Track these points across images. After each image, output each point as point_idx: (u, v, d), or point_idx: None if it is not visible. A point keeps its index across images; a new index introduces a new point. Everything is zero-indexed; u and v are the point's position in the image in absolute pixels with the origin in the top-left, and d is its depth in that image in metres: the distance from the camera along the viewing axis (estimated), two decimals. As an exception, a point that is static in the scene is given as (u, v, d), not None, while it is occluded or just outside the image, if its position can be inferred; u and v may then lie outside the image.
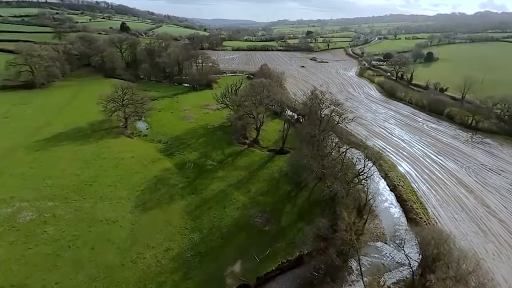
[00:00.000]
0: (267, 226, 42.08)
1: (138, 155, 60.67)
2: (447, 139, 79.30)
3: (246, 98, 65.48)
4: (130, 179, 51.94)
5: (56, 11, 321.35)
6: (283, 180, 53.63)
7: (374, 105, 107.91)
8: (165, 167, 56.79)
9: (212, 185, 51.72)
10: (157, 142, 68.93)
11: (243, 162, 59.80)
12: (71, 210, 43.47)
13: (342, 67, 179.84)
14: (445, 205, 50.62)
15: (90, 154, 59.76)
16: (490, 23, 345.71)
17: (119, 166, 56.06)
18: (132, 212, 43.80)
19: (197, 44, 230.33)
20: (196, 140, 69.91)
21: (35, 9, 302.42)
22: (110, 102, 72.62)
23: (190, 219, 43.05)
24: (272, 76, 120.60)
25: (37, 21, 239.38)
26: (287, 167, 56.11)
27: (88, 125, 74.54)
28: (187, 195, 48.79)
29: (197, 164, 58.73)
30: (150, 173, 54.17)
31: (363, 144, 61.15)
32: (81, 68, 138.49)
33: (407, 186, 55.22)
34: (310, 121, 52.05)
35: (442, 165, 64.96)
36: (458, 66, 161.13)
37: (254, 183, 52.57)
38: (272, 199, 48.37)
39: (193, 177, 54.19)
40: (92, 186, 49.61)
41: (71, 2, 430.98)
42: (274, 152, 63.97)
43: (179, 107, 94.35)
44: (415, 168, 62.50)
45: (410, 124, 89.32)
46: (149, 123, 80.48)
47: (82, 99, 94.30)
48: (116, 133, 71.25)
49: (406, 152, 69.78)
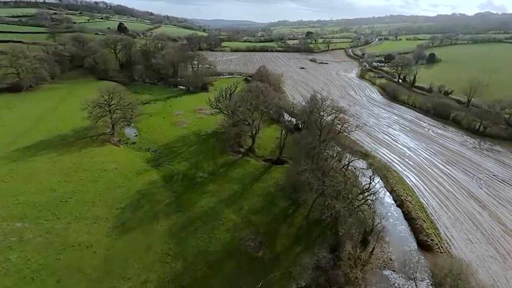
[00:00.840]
0: (260, 252, 37.35)
1: (123, 166, 55.96)
2: (454, 146, 74.62)
3: (240, 103, 60.80)
4: (111, 195, 47.21)
5: (54, 11, 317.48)
6: (279, 195, 48.92)
7: (376, 109, 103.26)
8: (151, 180, 52.06)
9: (201, 201, 46.99)
10: (145, 150, 64.20)
11: (236, 173, 55.08)
12: (41, 233, 38.77)
13: (342, 69, 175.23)
14: (458, 224, 45.92)
15: (70, 165, 55.04)
16: (491, 24, 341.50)
17: (100, 179, 51.32)
18: (109, 234, 39.08)
19: (195, 44, 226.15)
20: (187, 148, 65.21)
21: (33, 9, 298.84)
22: (96, 108, 67.94)
23: (173, 242, 38.29)
24: (270, 79, 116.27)
25: (34, 21, 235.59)
26: (284, 180, 51.50)
27: (73, 132, 69.83)
28: (173, 213, 44.07)
29: (186, 176, 54.01)
30: (133, 187, 49.44)
31: (368, 155, 56.45)
32: (73, 70, 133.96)
33: (415, 201, 50.48)
34: (310, 131, 47.35)
35: (451, 176, 60.26)
36: (461, 68, 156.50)
37: (248, 199, 47.84)
38: (266, 218, 43.64)
39: (181, 192, 49.46)
40: (68, 203, 44.89)
41: (70, 2, 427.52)
42: (270, 162, 59.26)
43: (172, 111, 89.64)
44: (422, 180, 57.78)
45: (415, 129, 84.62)
46: (138, 129, 75.74)
47: (69, 103, 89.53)
48: (101, 140, 66.53)
49: (412, 161, 65.08)
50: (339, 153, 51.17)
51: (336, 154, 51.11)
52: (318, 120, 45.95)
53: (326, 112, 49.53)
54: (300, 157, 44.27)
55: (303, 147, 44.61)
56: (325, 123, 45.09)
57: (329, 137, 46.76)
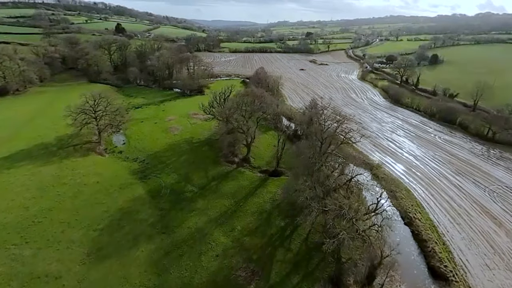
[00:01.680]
0: (252, 284, 32.83)
1: (106, 179, 51.45)
2: (463, 154, 70.14)
3: (234, 110, 56.33)
4: (89, 213, 42.72)
5: (52, 12, 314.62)
6: (276, 212, 44.43)
7: (379, 112, 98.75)
8: (135, 196, 47.53)
9: (189, 220, 42.48)
10: (132, 160, 59.68)
11: (229, 187, 50.57)
12: (5, 261, 34.33)
13: (343, 70, 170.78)
14: (473, 246, 41.44)
15: (48, 179, 50.55)
16: (492, 24, 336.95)
17: (80, 195, 46.83)
18: (82, 262, 34.58)
19: (193, 45, 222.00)
20: (178, 158, 60.74)
21: (31, 10, 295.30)
22: (80, 114, 63.50)
23: (154, 272, 33.79)
24: (268, 81, 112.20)
25: (32, 22, 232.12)
26: (281, 195, 47.03)
27: (56, 140, 65.37)
28: (156, 235, 39.58)
29: (175, 191, 49.50)
30: (115, 204, 44.92)
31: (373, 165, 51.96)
32: (65, 72, 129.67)
33: (425, 219, 45.98)
34: (309, 142, 42.87)
35: (462, 188, 55.76)
36: (465, 69, 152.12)
37: (240, 218, 43.34)
38: (260, 241, 39.13)
39: (167, 209, 44.95)
40: (41, 223, 40.43)
41: (68, 3, 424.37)
42: (266, 174, 54.82)
43: (165, 116, 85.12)
44: (431, 193, 53.27)
45: (421, 135, 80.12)
46: (127, 137, 71.22)
47: (57, 108, 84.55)
48: (86, 149, 62.06)
49: (420, 171, 60.58)
50: (341, 164, 46.78)
51: (338, 165, 46.74)
52: (319, 131, 41.43)
53: (327, 121, 44.89)
54: (299, 171, 39.76)
55: (302, 162, 40.11)
56: (326, 135, 40.63)
57: (331, 149, 42.31)
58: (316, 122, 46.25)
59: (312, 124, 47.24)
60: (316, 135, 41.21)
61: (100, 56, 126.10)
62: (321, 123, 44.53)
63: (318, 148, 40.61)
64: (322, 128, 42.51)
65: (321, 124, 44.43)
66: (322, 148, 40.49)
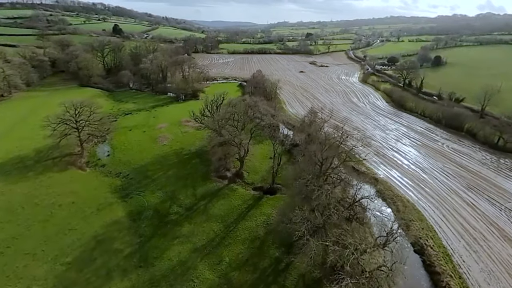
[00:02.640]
0: (239, 335, 27.93)
1: (83, 199, 46.53)
2: (474, 166, 65.16)
3: (225, 121, 51.41)
4: (59, 242, 37.82)
5: (50, 12, 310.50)
6: (270, 240, 39.46)
7: (382, 119, 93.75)
8: (113, 219, 42.61)
9: (171, 250, 37.54)
10: (114, 175, 54.75)
11: (219, 208, 45.61)
12: (-48, 305, 29.49)
13: (344, 72, 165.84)
14: (493, 280, 36.42)
15: (19, 199, 45.68)
16: (494, 25, 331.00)
17: (52, 218, 41.94)
18: (41, 307, 29.73)
19: (191, 47, 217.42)
20: (165, 172, 55.82)
21: (29, 11, 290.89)
22: (60, 124, 58.64)
23: (125, 320, 28.93)
24: (265, 85, 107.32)
25: (29, 23, 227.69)
26: (275, 218, 42.06)
27: (35, 152, 60.55)
28: (132, 269, 34.64)
29: (158, 212, 44.60)
30: (89, 230, 40.01)
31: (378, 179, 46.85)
32: (55, 75, 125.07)
33: (437, 245, 40.96)
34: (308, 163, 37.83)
35: (476, 206, 50.75)
36: (470, 72, 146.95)
37: (230, 246, 38.39)
38: (251, 276, 34.18)
39: (148, 235, 40.03)
40: (3, 255, 35.57)
41: (67, 3, 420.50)
42: (261, 191, 49.86)
43: (155, 124, 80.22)
44: (443, 213, 48.24)
45: (427, 144, 75.10)
46: (113, 147, 66.32)
47: (40, 116, 78.53)
48: (65, 163, 57.18)
49: (429, 187, 55.56)
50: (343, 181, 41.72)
51: (340, 181, 41.74)
52: (319, 150, 36.45)
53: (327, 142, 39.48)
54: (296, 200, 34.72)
55: (298, 187, 35.08)
56: (326, 156, 35.69)
57: (332, 168, 37.38)
58: (315, 141, 41.25)
59: (311, 141, 42.33)
60: (315, 155, 36.22)
61: (90, 59, 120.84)
62: (321, 142, 39.42)
63: (318, 170, 35.64)
64: (322, 147, 37.47)
65: (321, 143, 39.33)
66: (322, 169, 35.55)
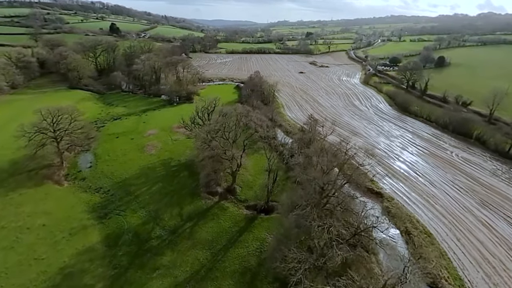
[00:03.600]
0: None
1: (55, 220, 41.56)
2: (485, 177, 60.34)
3: (215, 133, 46.42)
4: (21, 276, 32.87)
5: (48, 11, 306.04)
6: (263, 272, 34.50)
7: (386, 124, 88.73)
8: (87, 245, 37.66)
9: (149, 285, 32.63)
10: (94, 191, 49.71)
11: (206, 231, 40.67)
12: None
13: (344, 73, 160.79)
14: (521, 321, 31.66)
15: (-17, 220, 40.78)
16: (495, 25, 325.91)
17: (17, 245, 36.96)
18: None
19: (189, 46, 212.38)
20: (150, 187, 50.83)
21: (27, 9, 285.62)
22: (36, 134, 53.64)
23: None
24: (263, 87, 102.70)
25: (26, 21, 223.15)
26: (269, 245, 37.19)
27: (10, 163, 55.55)
28: (102, 312, 29.81)
29: (138, 236, 39.68)
30: (57, 261, 35.03)
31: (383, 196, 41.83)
32: (43, 77, 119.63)
33: (453, 276, 36.05)
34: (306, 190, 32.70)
35: (492, 227, 45.84)
36: (475, 73, 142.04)
37: (216, 281, 33.45)
38: (240, 321, 29.36)
39: (124, 266, 35.10)
40: (-48, 292, 30.71)
41: (65, 2, 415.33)
42: (255, 211, 44.91)
43: (144, 130, 75.19)
44: (457, 236, 43.32)
45: (435, 153, 70.12)
46: (96, 157, 61.37)
47: (22, 122, 75.02)
48: (42, 177, 52.15)
49: (440, 204, 50.62)
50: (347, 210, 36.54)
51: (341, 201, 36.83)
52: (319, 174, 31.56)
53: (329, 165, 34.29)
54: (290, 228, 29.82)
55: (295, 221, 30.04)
56: (327, 180, 30.82)
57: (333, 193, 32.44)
58: (315, 164, 36.15)
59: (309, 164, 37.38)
60: (314, 181, 31.29)
61: (80, 59, 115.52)
62: (322, 168, 34.36)
63: (317, 197, 30.71)
64: (323, 171, 32.57)
65: (322, 168, 34.30)
66: (322, 196, 30.67)
